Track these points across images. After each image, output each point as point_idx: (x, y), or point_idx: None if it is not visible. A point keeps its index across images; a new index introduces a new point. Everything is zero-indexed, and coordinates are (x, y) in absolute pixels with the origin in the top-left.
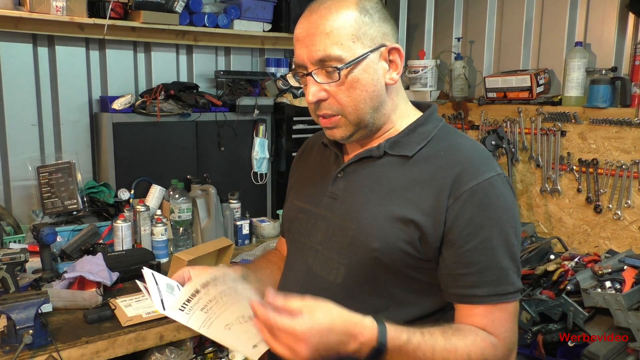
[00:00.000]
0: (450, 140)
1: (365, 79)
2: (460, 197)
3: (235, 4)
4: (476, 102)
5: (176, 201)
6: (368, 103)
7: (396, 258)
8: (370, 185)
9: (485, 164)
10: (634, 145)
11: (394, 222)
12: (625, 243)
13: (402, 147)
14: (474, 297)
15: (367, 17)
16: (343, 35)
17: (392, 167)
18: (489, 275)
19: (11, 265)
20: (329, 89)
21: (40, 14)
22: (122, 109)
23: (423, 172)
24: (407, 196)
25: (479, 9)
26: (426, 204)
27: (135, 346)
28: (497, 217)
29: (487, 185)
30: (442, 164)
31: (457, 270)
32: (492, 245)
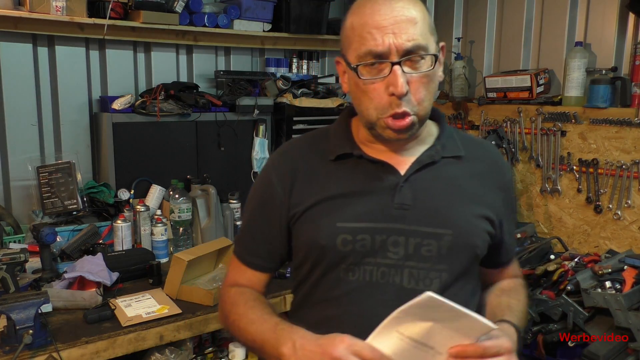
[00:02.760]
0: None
1: (437, 73)
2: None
3: (235, 4)
4: (476, 102)
5: (176, 201)
6: (433, 99)
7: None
8: (442, 188)
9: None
10: (634, 145)
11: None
12: (625, 243)
13: (450, 149)
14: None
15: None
16: (426, 26)
17: (452, 168)
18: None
19: (11, 265)
20: (411, 82)
21: (40, 14)
22: (122, 109)
23: (476, 169)
24: (475, 192)
25: (479, 9)
26: (489, 197)
27: (135, 346)
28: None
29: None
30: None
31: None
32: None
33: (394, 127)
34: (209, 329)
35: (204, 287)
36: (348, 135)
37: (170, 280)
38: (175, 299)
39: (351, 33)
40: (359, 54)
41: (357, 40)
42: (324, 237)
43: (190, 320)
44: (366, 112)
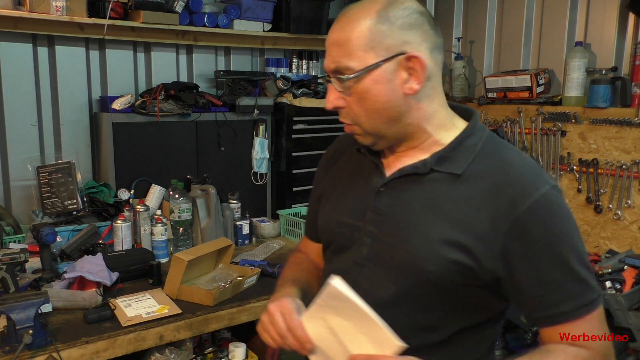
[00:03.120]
0: (499, 155)
1: (377, 90)
2: (519, 218)
3: (235, 4)
4: (476, 102)
5: (176, 201)
6: (382, 114)
7: (450, 281)
8: (420, 204)
9: (538, 179)
10: (634, 145)
11: (447, 245)
12: (625, 243)
13: (450, 163)
14: (562, 315)
15: (385, 25)
16: (355, 45)
17: (441, 185)
18: (571, 290)
19: (11, 265)
20: (345, 97)
21: (40, 14)
22: (122, 109)
23: (475, 192)
24: (460, 218)
25: (479, 9)
26: (480, 226)
27: (135, 346)
28: (563, 230)
29: (544, 200)
30: (495, 183)
31: (537, 292)
32: (567, 259)
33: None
34: (209, 329)
35: (204, 287)
36: None
37: (170, 280)
38: (175, 299)
39: None
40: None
41: None
42: (322, 220)
43: (190, 320)
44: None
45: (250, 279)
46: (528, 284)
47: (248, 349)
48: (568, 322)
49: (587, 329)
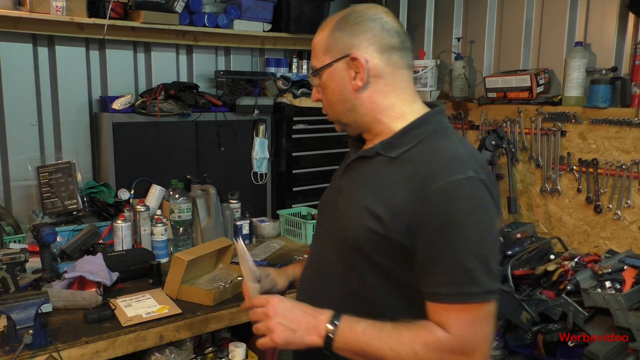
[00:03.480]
0: (435, 143)
1: (332, 85)
2: (424, 198)
3: (235, 4)
4: (476, 102)
5: (176, 201)
6: (339, 105)
7: (369, 248)
8: (363, 181)
9: (455, 167)
10: (634, 145)
11: (364, 213)
12: (625, 243)
13: (392, 149)
14: (438, 295)
15: (338, 31)
16: (319, 49)
17: (381, 166)
18: (453, 276)
19: (11, 265)
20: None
21: (40, 14)
22: (122, 109)
23: (400, 173)
24: (383, 194)
25: (479, 9)
26: (395, 202)
27: (135, 346)
28: (460, 218)
29: (451, 187)
30: (417, 166)
31: (425, 268)
32: (456, 247)
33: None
34: (209, 329)
35: (204, 287)
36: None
37: (170, 280)
38: (175, 299)
39: None
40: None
41: None
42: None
43: (190, 320)
44: None
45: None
46: (420, 259)
47: (248, 349)
48: (443, 304)
49: (456, 317)
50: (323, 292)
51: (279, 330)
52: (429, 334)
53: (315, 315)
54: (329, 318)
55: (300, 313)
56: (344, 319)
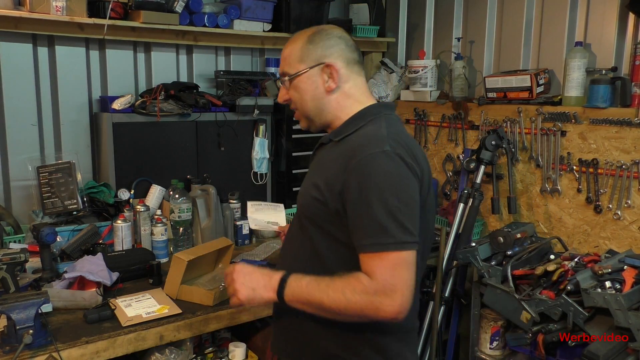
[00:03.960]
0: (367, 128)
1: (304, 87)
2: (348, 169)
3: (235, 4)
4: (476, 102)
5: (176, 201)
6: (309, 104)
7: (314, 213)
8: (317, 163)
9: (372, 143)
10: (634, 145)
11: (310, 186)
12: (625, 243)
13: (337, 135)
14: (361, 247)
15: (311, 45)
16: (293, 59)
17: (328, 150)
18: (370, 230)
19: (11, 265)
20: (290, 93)
21: (40, 14)
22: (122, 109)
23: (338, 152)
24: (324, 170)
25: (479, 9)
26: (331, 175)
27: (135, 346)
28: (374, 182)
29: (368, 159)
30: (349, 146)
31: (352, 226)
32: (372, 207)
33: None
34: (209, 329)
35: (204, 287)
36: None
37: (170, 280)
38: (175, 299)
39: None
40: None
41: None
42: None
43: (190, 320)
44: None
45: None
46: (349, 219)
47: (248, 349)
48: (366, 253)
49: (378, 265)
50: (289, 256)
51: (242, 290)
52: (356, 280)
53: (271, 276)
54: (281, 276)
55: (259, 275)
56: (292, 276)
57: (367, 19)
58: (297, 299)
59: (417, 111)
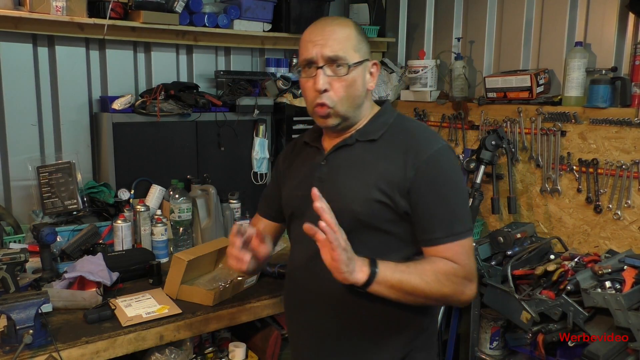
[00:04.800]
0: (403, 125)
1: (359, 81)
2: (420, 166)
3: (235, 4)
4: (476, 102)
5: (176, 201)
6: (356, 100)
7: (373, 216)
8: (348, 165)
9: (433, 139)
10: (634, 145)
11: (369, 187)
12: (625, 243)
13: (369, 134)
14: (436, 239)
15: (362, 36)
16: (349, 44)
17: (363, 149)
18: (447, 222)
19: (11, 265)
20: (332, 83)
21: (40, 14)
22: (122, 109)
23: (387, 150)
24: (378, 169)
25: (479, 9)
26: (393, 174)
27: (135, 346)
28: (449, 177)
29: (438, 154)
30: (401, 142)
31: (424, 220)
32: (448, 199)
33: (319, 113)
34: (209, 329)
35: (204, 287)
36: (318, 129)
37: (170, 280)
38: (175, 299)
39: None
40: (300, 60)
41: (300, 50)
42: (286, 200)
43: (190, 320)
44: (307, 106)
45: (250, 279)
46: (420, 213)
47: (248, 349)
48: (444, 244)
49: (457, 252)
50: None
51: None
52: (445, 265)
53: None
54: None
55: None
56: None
57: (367, 19)
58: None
59: (417, 111)
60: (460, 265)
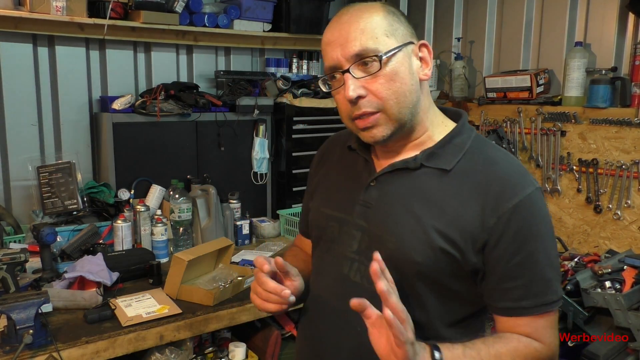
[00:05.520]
0: (485, 154)
1: (403, 72)
2: (504, 215)
3: (235, 4)
4: (476, 102)
5: (176, 201)
6: (408, 97)
7: (438, 271)
8: (408, 196)
9: (523, 180)
10: (634, 145)
11: (435, 235)
12: (625, 243)
13: (439, 159)
14: (521, 309)
15: (395, 17)
16: (377, 31)
17: (430, 180)
18: (534, 288)
19: (11, 265)
20: (368, 85)
21: (40, 14)
22: (122, 109)
23: (462, 187)
24: (447, 210)
25: (479, 9)
26: (466, 220)
27: (135, 346)
28: (539, 231)
29: (528, 201)
30: (481, 179)
31: (504, 284)
32: (537, 259)
33: (361, 126)
34: (209, 329)
35: (204, 287)
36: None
37: (170, 280)
38: (175, 299)
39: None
40: (325, 71)
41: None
42: (313, 218)
43: (190, 320)
44: (343, 120)
45: (250, 279)
46: (498, 275)
47: (248, 349)
48: (525, 317)
49: (543, 326)
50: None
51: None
52: (525, 347)
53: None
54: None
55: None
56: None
57: None
58: None
59: None
60: (545, 344)
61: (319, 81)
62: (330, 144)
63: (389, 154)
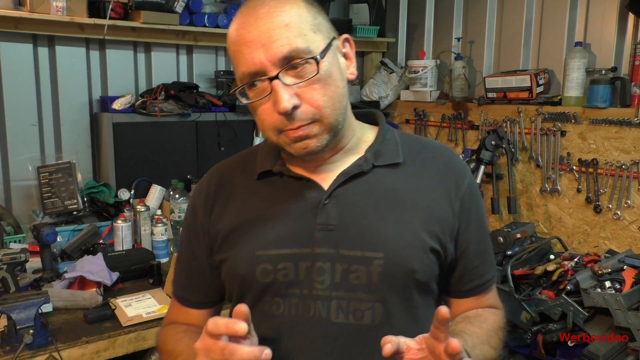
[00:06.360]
0: (418, 142)
1: (335, 73)
2: (464, 197)
3: (235, 4)
4: (476, 102)
5: (176, 201)
6: (342, 101)
7: (429, 274)
8: (375, 202)
9: (459, 159)
10: (633, 145)
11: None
12: (625, 243)
13: (386, 156)
14: (486, 284)
15: (315, 7)
16: (303, 26)
17: (386, 178)
18: (490, 259)
19: (11, 265)
20: (301, 92)
21: (41, 14)
22: (122, 109)
23: (421, 178)
24: (420, 204)
25: (479, 9)
26: (441, 210)
27: (136, 346)
28: (480, 203)
29: (472, 178)
30: (435, 166)
31: (473, 264)
32: (487, 232)
33: (294, 136)
34: None
35: None
36: (274, 152)
37: (170, 280)
38: None
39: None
40: (239, 76)
41: (234, 61)
42: (242, 266)
43: None
44: (266, 134)
45: None
46: (469, 257)
47: None
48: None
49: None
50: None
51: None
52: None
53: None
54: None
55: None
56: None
57: (367, 19)
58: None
59: (417, 111)
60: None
61: (236, 92)
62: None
63: (321, 167)
